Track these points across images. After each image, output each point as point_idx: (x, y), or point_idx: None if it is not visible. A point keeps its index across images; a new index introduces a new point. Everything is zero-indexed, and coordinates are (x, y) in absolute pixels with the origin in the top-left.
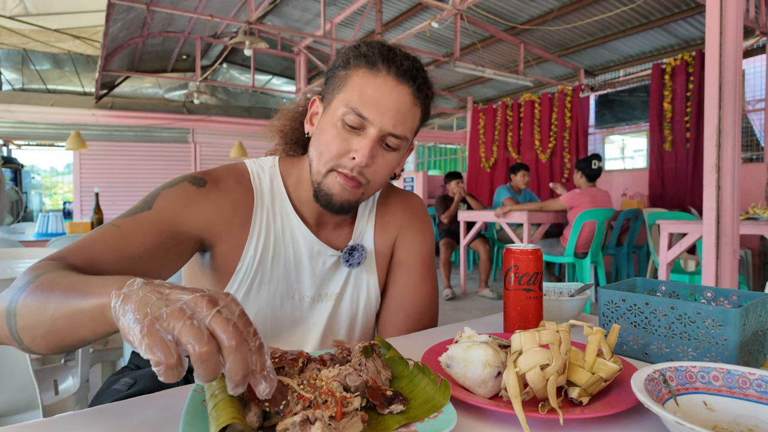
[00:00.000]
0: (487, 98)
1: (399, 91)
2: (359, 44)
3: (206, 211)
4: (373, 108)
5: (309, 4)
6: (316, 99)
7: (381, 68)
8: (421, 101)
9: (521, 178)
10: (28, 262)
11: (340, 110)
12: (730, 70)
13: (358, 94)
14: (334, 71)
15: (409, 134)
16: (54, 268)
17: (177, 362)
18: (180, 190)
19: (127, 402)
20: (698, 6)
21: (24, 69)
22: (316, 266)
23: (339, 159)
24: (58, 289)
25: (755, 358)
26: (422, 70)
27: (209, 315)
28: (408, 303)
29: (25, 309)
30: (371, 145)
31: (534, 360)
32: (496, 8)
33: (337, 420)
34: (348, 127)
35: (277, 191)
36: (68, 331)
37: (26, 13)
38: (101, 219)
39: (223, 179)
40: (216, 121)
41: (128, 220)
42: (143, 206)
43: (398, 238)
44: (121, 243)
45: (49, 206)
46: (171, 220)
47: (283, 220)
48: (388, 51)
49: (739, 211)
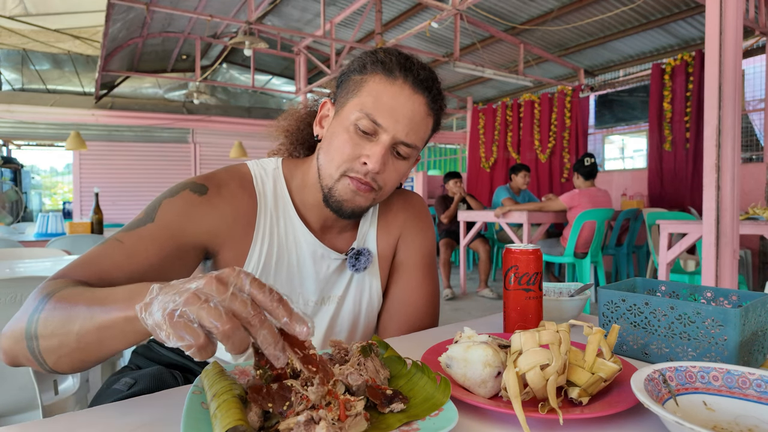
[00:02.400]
0: (486, 98)
1: (414, 100)
2: (377, 50)
3: (209, 220)
4: (387, 115)
5: (309, 4)
6: (327, 102)
7: (398, 76)
8: (434, 112)
9: (522, 178)
10: (28, 262)
11: (354, 115)
12: (729, 70)
13: (373, 99)
14: (348, 75)
15: (420, 144)
16: (66, 285)
17: (205, 342)
18: (182, 200)
19: (127, 402)
20: (698, 6)
21: (24, 69)
22: (320, 270)
23: (350, 163)
24: (80, 304)
25: (755, 358)
26: (437, 81)
27: (225, 299)
28: (409, 304)
29: (47, 330)
30: (383, 151)
31: (534, 360)
32: (496, 8)
33: (341, 420)
34: (361, 132)
35: (280, 195)
36: (97, 345)
37: (26, 13)
38: (101, 219)
39: (226, 184)
40: (216, 121)
41: (131, 235)
42: (145, 218)
43: (400, 238)
44: (126, 259)
45: (48, 206)
46: (174, 231)
47: (287, 225)
48: (405, 59)
49: (738, 211)
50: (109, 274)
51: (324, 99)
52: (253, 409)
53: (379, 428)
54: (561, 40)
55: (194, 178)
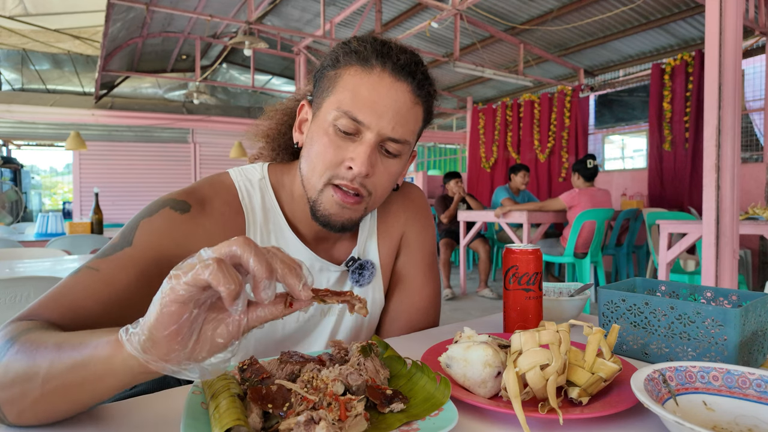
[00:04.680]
0: (486, 98)
1: (397, 89)
2: (349, 40)
3: (194, 240)
4: (368, 110)
5: (309, 4)
6: (305, 104)
7: (375, 65)
8: (422, 99)
9: (521, 178)
10: (28, 262)
11: (332, 114)
12: (729, 70)
13: (350, 95)
14: (322, 72)
15: (411, 137)
16: (32, 328)
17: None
18: (161, 219)
19: (127, 402)
20: (698, 6)
21: (23, 69)
22: (319, 285)
23: (334, 169)
24: (48, 345)
25: (755, 358)
26: (421, 64)
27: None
28: (411, 307)
29: (7, 378)
30: (369, 151)
31: (534, 360)
32: (496, 8)
33: (341, 420)
34: (342, 133)
35: (270, 208)
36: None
37: (26, 13)
38: (101, 219)
39: (209, 200)
40: (216, 121)
41: (107, 262)
42: (122, 242)
43: (402, 238)
44: (103, 288)
45: (48, 206)
46: (155, 255)
47: (279, 240)
48: (381, 45)
49: (738, 211)
50: (84, 307)
51: (302, 101)
52: (253, 410)
53: (379, 428)
54: (561, 40)
55: (173, 194)
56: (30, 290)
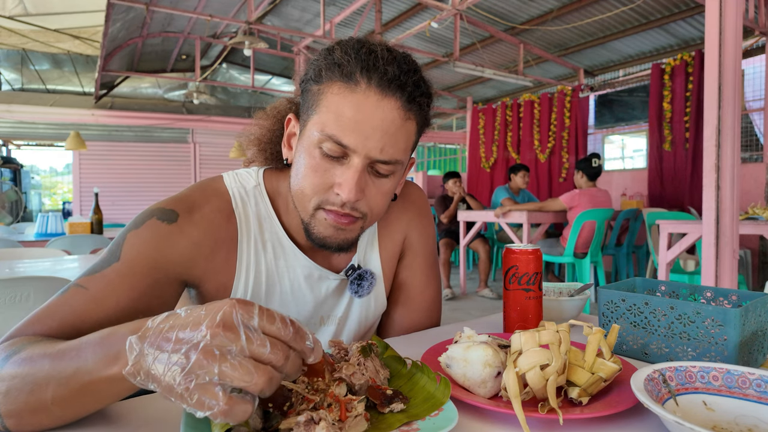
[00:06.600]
0: (486, 98)
1: (384, 106)
2: (332, 48)
3: (182, 251)
4: (353, 132)
5: (309, 4)
6: (292, 117)
7: (360, 80)
8: (414, 113)
9: (521, 178)
10: (28, 262)
11: (315, 136)
12: (729, 70)
13: (334, 116)
14: (307, 84)
15: (402, 156)
16: (25, 343)
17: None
18: (148, 230)
19: (127, 402)
20: (698, 6)
21: (23, 69)
22: (318, 293)
23: (323, 194)
24: (45, 363)
25: (755, 358)
26: (413, 72)
27: (242, 347)
28: (414, 309)
29: (8, 398)
30: (357, 176)
31: (534, 360)
32: (496, 8)
33: (342, 420)
34: (327, 156)
35: (265, 216)
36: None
37: (26, 13)
38: (101, 219)
39: (198, 207)
40: (216, 121)
41: (95, 279)
42: (110, 258)
43: (405, 241)
44: (92, 307)
45: (48, 206)
46: (144, 269)
47: (275, 248)
48: (367, 56)
49: (738, 211)
50: (73, 327)
51: (289, 115)
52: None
53: (379, 428)
54: (561, 40)
55: (162, 202)
56: (30, 290)
